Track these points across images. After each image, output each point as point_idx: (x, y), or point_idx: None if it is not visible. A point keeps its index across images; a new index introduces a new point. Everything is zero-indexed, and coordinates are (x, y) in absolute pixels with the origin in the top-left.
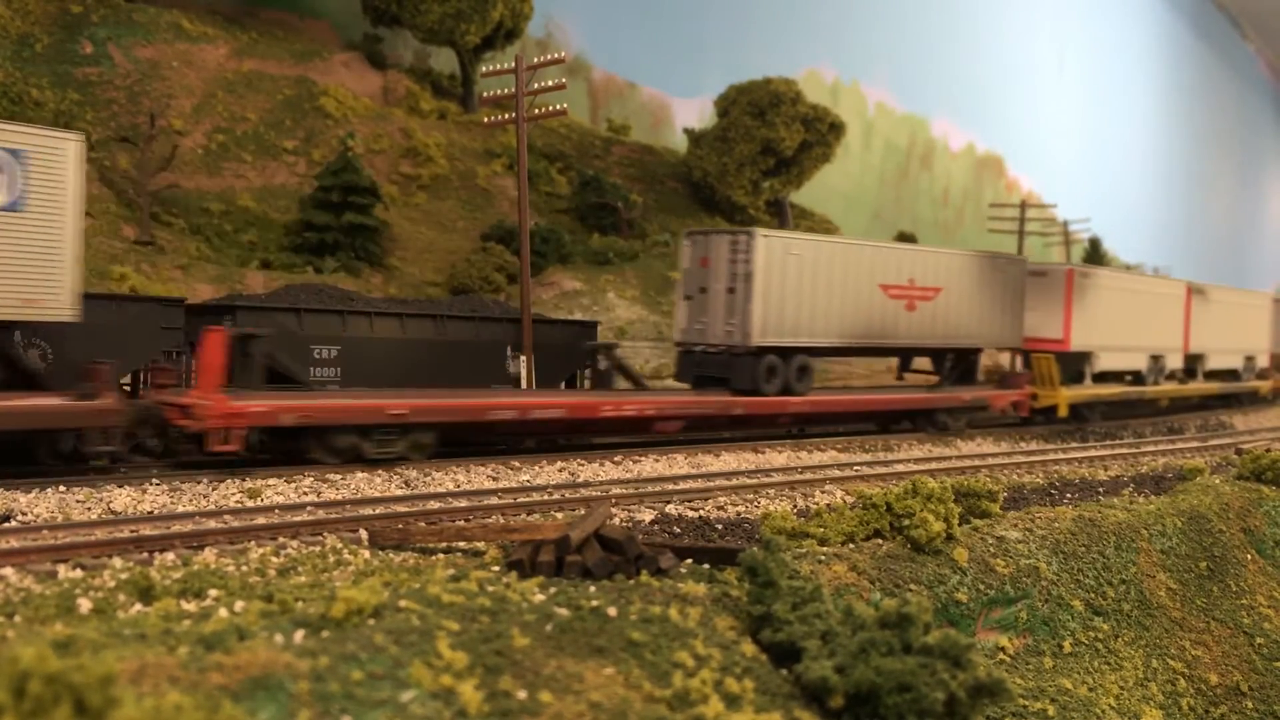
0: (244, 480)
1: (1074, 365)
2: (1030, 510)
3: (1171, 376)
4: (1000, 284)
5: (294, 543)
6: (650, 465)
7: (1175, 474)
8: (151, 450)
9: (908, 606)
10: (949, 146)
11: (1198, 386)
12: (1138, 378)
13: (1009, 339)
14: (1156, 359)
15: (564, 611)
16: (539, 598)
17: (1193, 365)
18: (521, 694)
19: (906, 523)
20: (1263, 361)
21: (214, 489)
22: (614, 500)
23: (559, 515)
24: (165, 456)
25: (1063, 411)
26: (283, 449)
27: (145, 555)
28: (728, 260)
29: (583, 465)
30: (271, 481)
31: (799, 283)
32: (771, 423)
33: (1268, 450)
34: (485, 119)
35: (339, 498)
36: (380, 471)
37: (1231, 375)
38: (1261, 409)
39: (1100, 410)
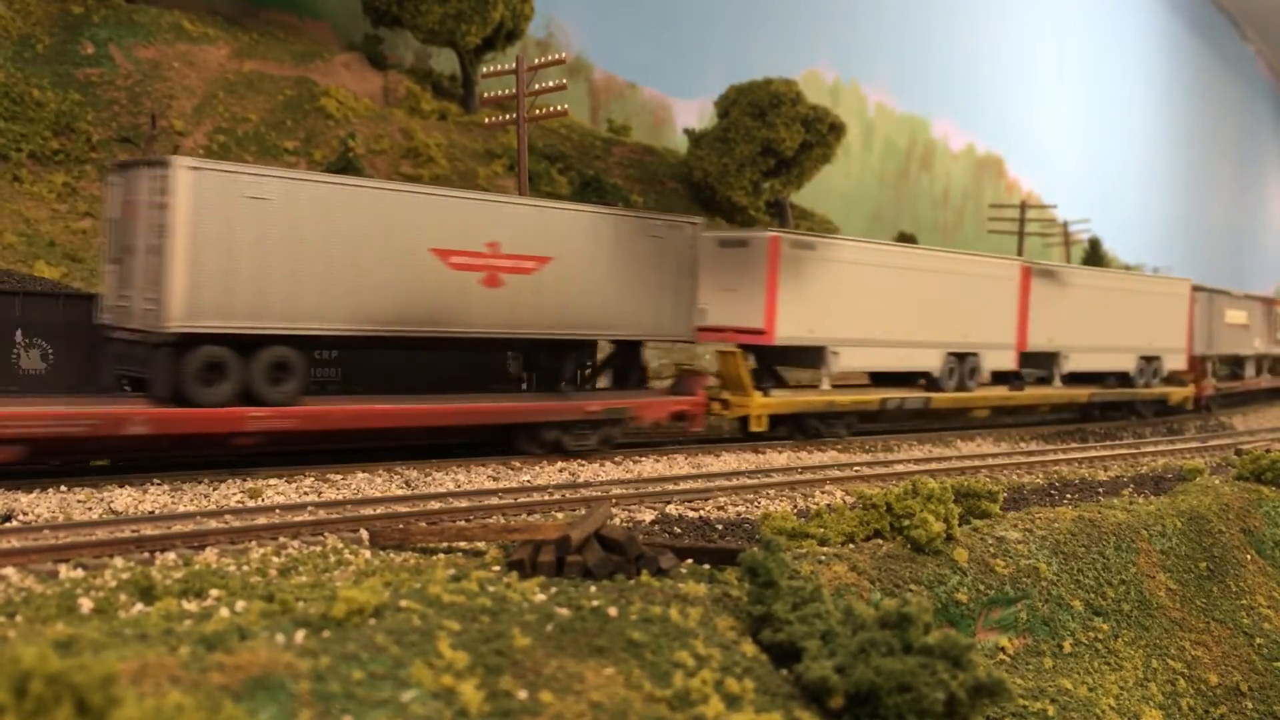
0: (245, 480)
1: (803, 363)
2: (1030, 511)
3: (1009, 379)
4: (655, 255)
5: (295, 543)
6: (651, 465)
7: (1175, 474)
8: None
9: (908, 607)
10: (949, 147)
11: (1042, 393)
12: (930, 380)
13: (670, 328)
14: (961, 356)
15: (564, 611)
16: (540, 598)
17: (1047, 366)
18: (522, 694)
19: (906, 523)
20: (1175, 363)
21: (215, 489)
22: (614, 500)
23: (559, 515)
24: None
25: (756, 425)
26: None
27: (146, 555)
28: (149, 205)
29: (583, 466)
30: (272, 481)
31: (270, 241)
32: (220, 443)
33: (1267, 451)
34: (486, 120)
35: (340, 498)
36: (381, 471)
37: (1122, 379)
38: (1261, 409)
39: (846, 422)
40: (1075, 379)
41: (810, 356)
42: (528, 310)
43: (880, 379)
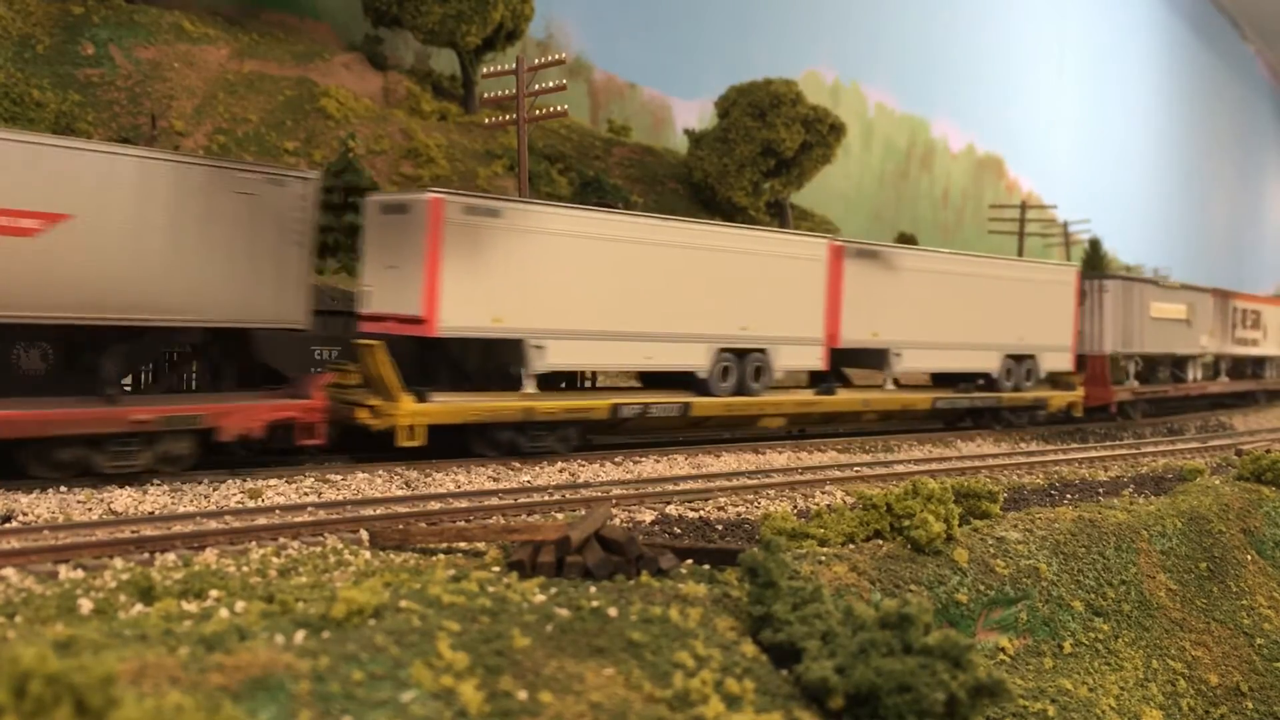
0: (245, 481)
1: (492, 362)
2: (1030, 511)
3: (825, 379)
4: (244, 217)
5: (295, 543)
6: (651, 466)
7: (1175, 475)
8: None
9: (908, 607)
10: (949, 147)
11: (859, 397)
12: (695, 382)
13: (269, 311)
14: (741, 353)
15: (564, 612)
16: (539, 598)
17: (873, 363)
18: (522, 694)
19: (907, 523)
20: (1056, 363)
21: (215, 489)
22: (614, 501)
23: (559, 516)
24: None
25: (407, 437)
26: None
27: (146, 556)
28: None
29: (583, 466)
30: (272, 482)
31: None
32: None
33: (1268, 451)
34: (486, 120)
35: (340, 498)
36: (380, 472)
37: (984, 381)
38: (1262, 409)
39: (561, 435)
40: (945, 379)
41: (502, 352)
42: (26, 286)
43: (647, 380)
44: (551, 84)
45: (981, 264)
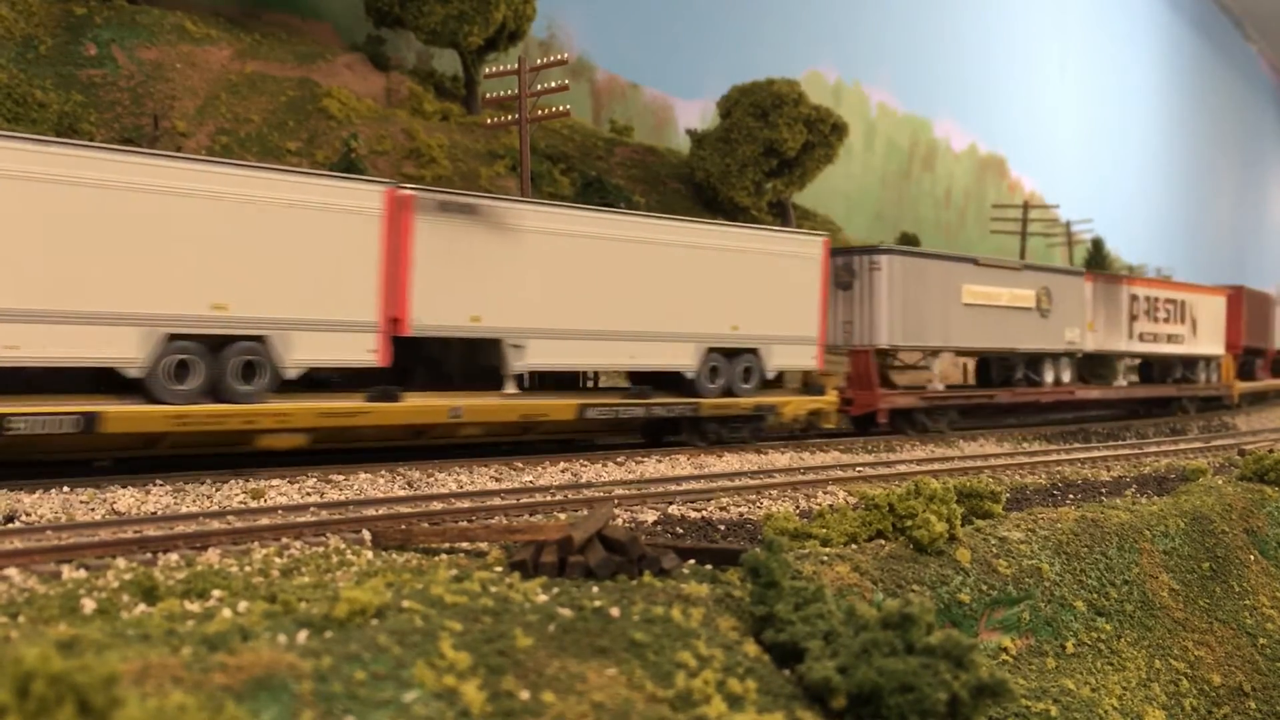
0: (248, 481)
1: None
2: (1033, 511)
3: (382, 379)
4: None
5: (297, 543)
6: (653, 466)
7: (1178, 475)
8: None
9: (910, 607)
10: (951, 147)
11: (437, 404)
12: (138, 384)
13: None
14: (212, 343)
15: (567, 612)
16: (542, 598)
17: (479, 359)
18: (524, 694)
19: (909, 523)
20: (793, 359)
21: (218, 489)
22: (617, 501)
23: (562, 516)
24: None
25: None
26: None
27: (149, 556)
28: None
29: (585, 466)
30: (275, 482)
31: None
32: None
33: (1270, 451)
34: (488, 120)
35: (342, 498)
36: (383, 472)
37: (680, 383)
38: (1263, 409)
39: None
40: (640, 377)
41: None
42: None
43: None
44: (554, 84)
45: (665, 229)
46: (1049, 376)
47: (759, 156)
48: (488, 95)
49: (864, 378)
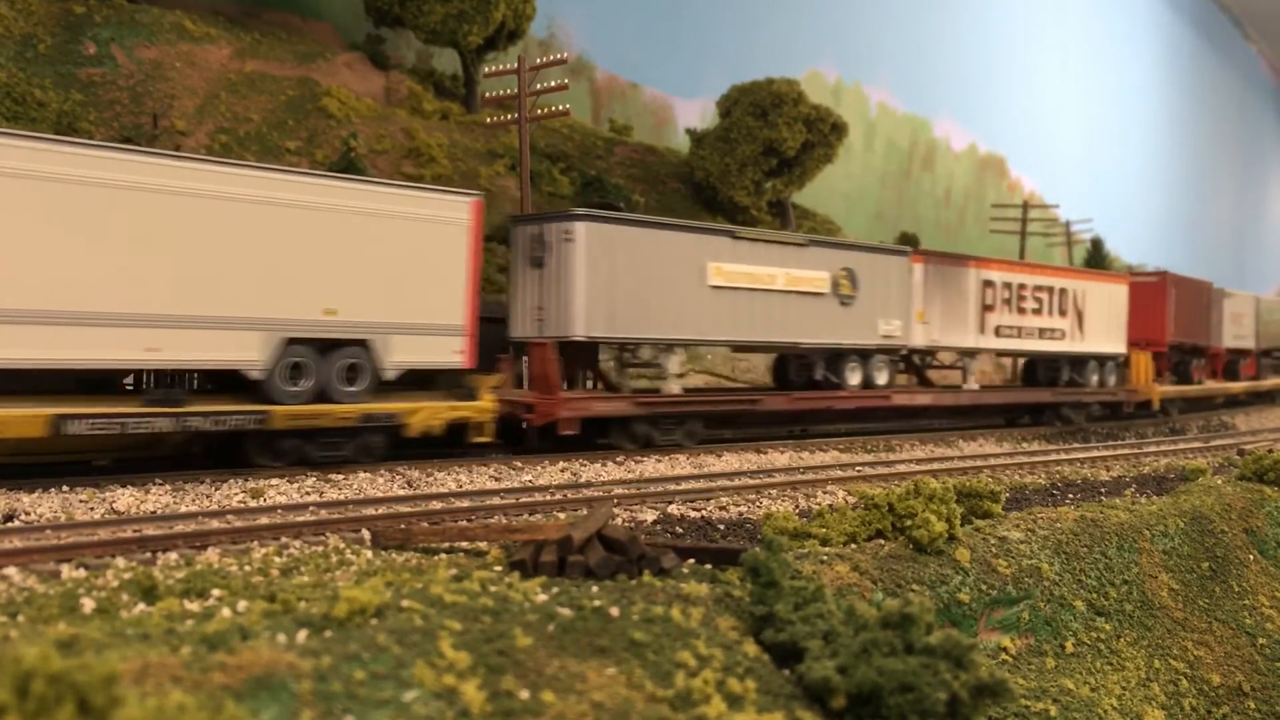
0: (247, 480)
1: None
2: (1032, 511)
3: None
4: None
5: (297, 543)
6: (653, 466)
7: (1177, 475)
8: None
9: (910, 607)
10: (951, 147)
11: None
12: None
13: None
14: None
15: (566, 611)
16: (541, 598)
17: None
18: (524, 694)
19: (908, 523)
20: (431, 353)
21: (217, 489)
22: (616, 500)
23: (561, 515)
24: None
25: None
26: None
27: (148, 555)
28: None
29: (585, 465)
30: (274, 481)
31: None
32: None
33: (1270, 451)
34: (488, 119)
35: (341, 498)
36: (383, 471)
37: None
38: (1264, 409)
39: None
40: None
41: None
42: None
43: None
44: (553, 83)
45: (214, 175)
46: (854, 378)
47: (758, 156)
48: (487, 94)
49: (545, 378)
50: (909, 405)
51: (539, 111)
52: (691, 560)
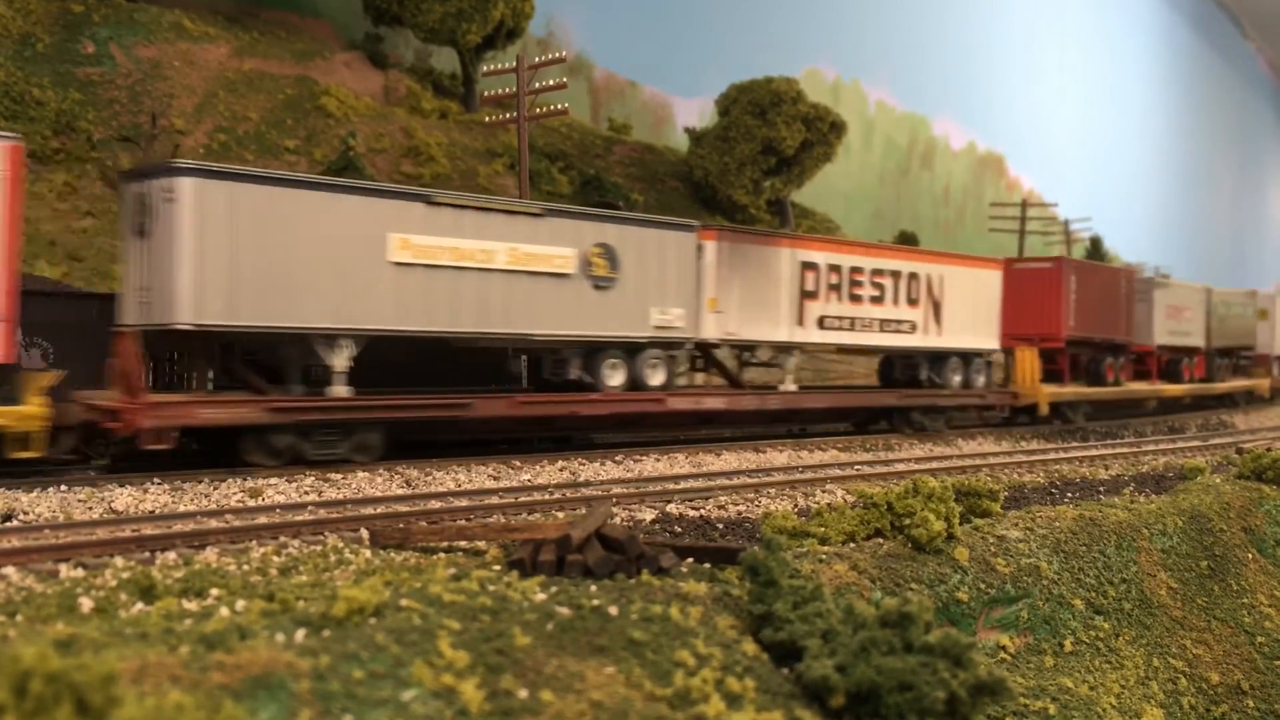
0: (245, 480)
1: None
2: (1031, 509)
3: None
4: None
5: (295, 542)
6: (651, 465)
7: (1176, 473)
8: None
9: (908, 605)
10: (950, 145)
11: None
12: None
13: None
14: None
15: (565, 611)
16: (540, 597)
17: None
18: (523, 693)
19: (907, 522)
20: None
21: (215, 488)
22: (615, 500)
23: (560, 514)
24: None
25: None
26: None
27: (147, 554)
28: None
29: (584, 465)
30: (273, 481)
31: None
32: None
33: (1268, 449)
34: (487, 118)
35: (340, 497)
36: (381, 471)
37: None
38: (1262, 408)
39: None
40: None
41: None
42: None
43: None
44: (552, 82)
45: None
46: (614, 378)
47: (757, 155)
48: (486, 93)
49: (125, 377)
50: (692, 410)
51: (538, 110)
52: (690, 559)
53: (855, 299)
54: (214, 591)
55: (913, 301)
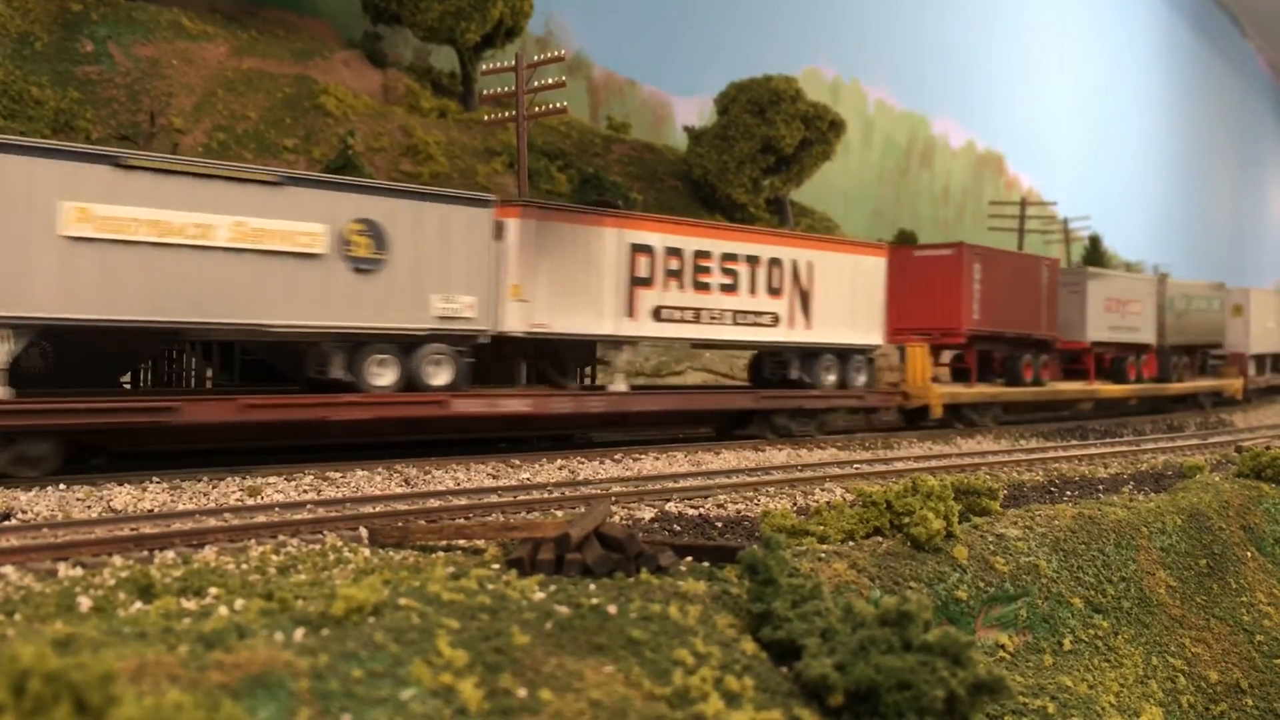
0: (244, 478)
1: None
2: (1030, 508)
3: None
4: None
5: (294, 541)
6: (650, 463)
7: (1175, 472)
8: None
9: (907, 604)
10: (949, 144)
11: None
12: None
13: None
14: None
15: (564, 609)
16: (539, 595)
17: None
18: (521, 692)
19: (906, 520)
20: None
21: (214, 487)
22: (614, 498)
23: (559, 513)
24: None
25: None
26: None
27: (145, 553)
28: None
29: (583, 463)
30: (272, 479)
31: None
32: None
33: (1267, 448)
34: (485, 117)
35: (339, 496)
36: (380, 469)
37: None
38: (1261, 406)
39: None
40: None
41: None
42: None
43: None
44: (551, 81)
45: None
46: (382, 376)
47: (757, 154)
48: (485, 92)
49: None
50: (486, 415)
51: (536, 109)
52: (689, 558)
53: (701, 287)
54: (212, 590)
55: (774, 291)
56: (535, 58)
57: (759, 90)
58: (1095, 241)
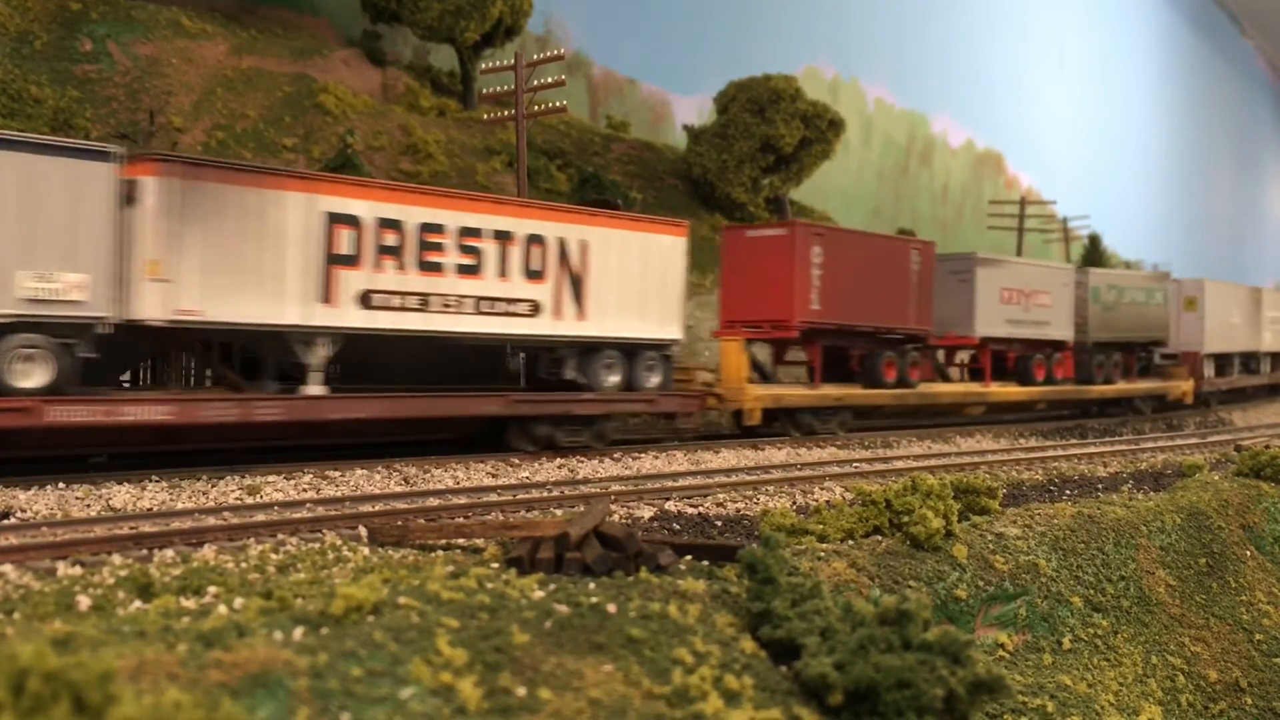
0: (243, 477)
1: None
2: (1029, 507)
3: None
4: None
5: (293, 540)
6: (650, 462)
7: (1174, 471)
8: None
9: (907, 603)
10: (948, 143)
11: None
12: None
13: None
14: None
15: (563, 608)
16: (538, 594)
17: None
18: (521, 691)
19: (906, 519)
20: None
21: (213, 486)
22: (613, 497)
23: (558, 512)
24: None
25: None
26: None
27: (144, 552)
28: None
29: (582, 462)
30: (271, 478)
31: None
32: None
33: (1266, 447)
34: (485, 116)
35: (338, 495)
36: (380, 468)
37: None
38: (1261, 405)
39: None
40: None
41: None
42: None
43: None
44: (550, 80)
45: None
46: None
47: (756, 152)
48: (484, 91)
49: None
50: (100, 425)
51: (536, 108)
52: (689, 557)
53: (431, 268)
54: (212, 589)
55: (534, 274)
56: (535, 56)
57: (758, 89)
58: (1095, 240)
